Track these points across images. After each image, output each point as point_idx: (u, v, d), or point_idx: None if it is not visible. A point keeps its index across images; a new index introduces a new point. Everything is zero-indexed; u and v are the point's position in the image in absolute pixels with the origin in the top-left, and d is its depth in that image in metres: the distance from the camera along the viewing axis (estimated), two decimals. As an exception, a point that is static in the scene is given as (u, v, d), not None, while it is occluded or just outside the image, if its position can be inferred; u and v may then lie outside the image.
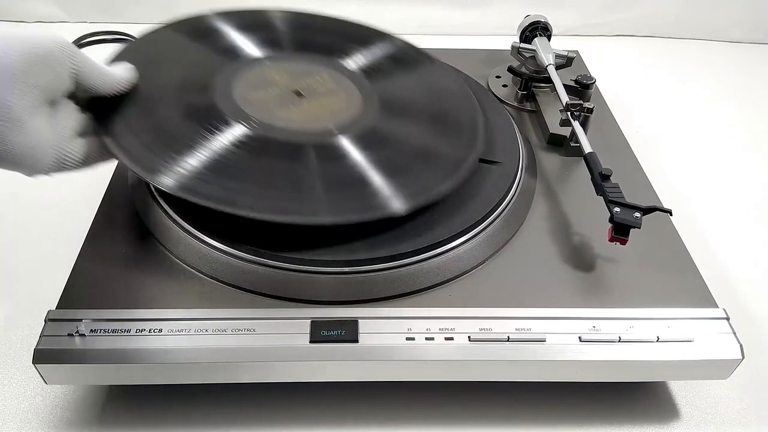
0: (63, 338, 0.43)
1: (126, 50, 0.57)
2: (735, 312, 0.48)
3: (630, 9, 1.04)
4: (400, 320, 0.45)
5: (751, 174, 0.77)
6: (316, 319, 0.45)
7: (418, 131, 0.57)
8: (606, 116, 0.69)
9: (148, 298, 0.46)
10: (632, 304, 0.48)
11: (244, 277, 0.47)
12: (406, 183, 0.50)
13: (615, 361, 0.45)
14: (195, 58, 0.60)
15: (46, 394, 0.49)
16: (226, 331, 0.44)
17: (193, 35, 0.63)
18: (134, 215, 0.53)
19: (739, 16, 1.04)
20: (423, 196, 0.49)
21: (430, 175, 0.52)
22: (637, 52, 1.02)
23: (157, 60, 0.58)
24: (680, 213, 0.55)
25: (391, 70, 0.64)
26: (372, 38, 0.68)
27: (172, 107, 0.53)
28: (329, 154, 0.52)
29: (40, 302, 0.46)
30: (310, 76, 0.60)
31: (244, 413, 0.49)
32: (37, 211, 0.65)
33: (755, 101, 0.91)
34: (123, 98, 0.51)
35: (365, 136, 0.54)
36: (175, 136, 0.50)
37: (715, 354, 0.45)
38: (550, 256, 0.51)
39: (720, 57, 1.02)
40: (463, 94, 0.63)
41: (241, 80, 0.57)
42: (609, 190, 0.51)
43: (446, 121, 0.59)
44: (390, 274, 0.47)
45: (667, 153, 0.79)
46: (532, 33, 0.73)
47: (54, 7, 0.99)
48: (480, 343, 0.44)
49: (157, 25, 0.63)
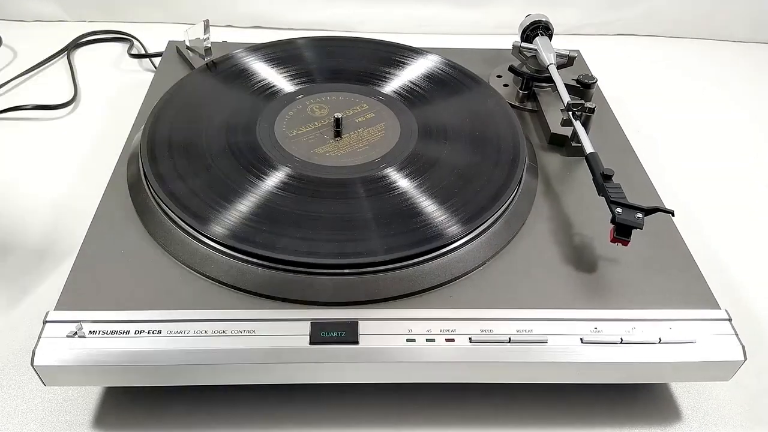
0: (62, 339, 0.43)
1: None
2: (737, 313, 0.48)
3: (632, 8, 1.04)
4: (401, 321, 0.45)
5: (754, 174, 0.77)
6: (316, 320, 0.45)
7: (460, 154, 0.58)
8: (607, 116, 0.69)
9: (147, 300, 0.46)
10: (634, 306, 0.47)
11: (243, 279, 0.47)
12: (458, 208, 0.51)
13: (617, 362, 0.45)
14: (234, 101, 0.63)
15: (45, 396, 0.49)
16: (225, 333, 0.44)
17: (229, 76, 0.66)
18: (133, 216, 0.52)
19: (742, 15, 1.03)
20: (478, 220, 0.50)
21: (480, 198, 0.53)
22: (638, 52, 1.02)
23: (196, 105, 0.61)
24: (682, 213, 0.54)
25: (427, 89, 0.66)
26: (405, 56, 0.71)
27: (218, 155, 0.56)
28: (377, 186, 0.54)
29: (39, 303, 0.46)
30: (349, 106, 0.63)
31: (244, 415, 0.49)
32: (37, 212, 0.65)
33: (758, 100, 0.91)
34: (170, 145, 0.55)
35: (408, 164, 0.56)
36: (224, 184, 0.52)
37: (717, 355, 0.45)
38: (551, 257, 0.51)
39: (722, 56, 1.02)
40: (503, 113, 0.64)
41: (282, 119, 0.60)
42: (611, 190, 0.50)
43: (487, 142, 0.60)
44: (390, 275, 0.47)
45: (669, 153, 0.79)
46: (533, 32, 0.73)
47: (54, 6, 0.99)
48: (481, 345, 0.44)
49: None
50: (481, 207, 0.52)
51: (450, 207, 0.52)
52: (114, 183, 0.56)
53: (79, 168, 0.71)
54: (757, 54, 1.03)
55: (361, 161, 0.56)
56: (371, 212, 0.51)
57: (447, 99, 0.65)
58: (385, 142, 0.59)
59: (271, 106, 0.62)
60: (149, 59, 0.90)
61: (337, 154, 0.57)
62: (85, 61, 0.90)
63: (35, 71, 0.87)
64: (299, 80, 0.66)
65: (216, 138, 0.58)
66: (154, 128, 0.58)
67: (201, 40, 0.71)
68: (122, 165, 0.58)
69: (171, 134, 0.58)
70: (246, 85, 0.65)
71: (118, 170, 0.57)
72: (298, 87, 0.65)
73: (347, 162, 0.56)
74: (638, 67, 0.98)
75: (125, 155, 0.59)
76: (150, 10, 1.00)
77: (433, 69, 0.69)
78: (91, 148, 0.74)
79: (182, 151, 0.56)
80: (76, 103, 0.82)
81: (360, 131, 0.60)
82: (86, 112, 0.80)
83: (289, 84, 0.66)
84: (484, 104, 0.65)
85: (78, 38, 0.93)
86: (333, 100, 0.64)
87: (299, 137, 0.59)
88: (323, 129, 0.60)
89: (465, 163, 0.57)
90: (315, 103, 0.63)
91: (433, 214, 0.51)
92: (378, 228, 0.50)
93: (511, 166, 0.57)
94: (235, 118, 0.60)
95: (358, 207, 0.52)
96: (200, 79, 0.66)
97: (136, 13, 1.00)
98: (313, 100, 0.64)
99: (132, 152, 0.59)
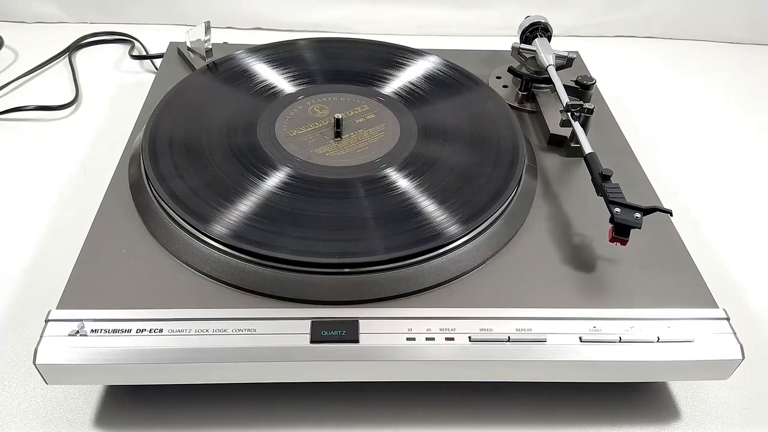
0: (63, 338, 0.43)
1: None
2: (735, 312, 0.48)
3: (630, 9, 1.04)
4: (401, 320, 0.45)
5: (751, 174, 0.77)
6: (317, 319, 0.45)
7: (459, 155, 0.58)
8: (606, 117, 0.69)
9: (148, 298, 0.46)
10: (633, 305, 0.48)
11: (244, 277, 0.47)
12: (457, 208, 0.52)
13: (615, 361, 0.45)
14: (235, 102, 0.63)
15: (47, 394, 0.49)
16: (226, 332, 0.44)
17: (230, 77, 0.66)
18: (134, 215, 0.53)
19: (740, 16, 1.04)
20: (477, 219, 0.51)
21: (479, 198, 0.53)
22: (637, 53, 1.02)
23: (198, 105, 0.61)
24: (680, 213, 0.55)
25: (426, 90, 0.67)
26: (405, 58, 0.72)
27: (219, 155, 0.56)
28: (377, 186, 0.54)
29: (41, 302, 0.46)
30: (350, 107, 0.63)
31: (245, 413, 0.49)
32: (39, 212, 0.65)
33: (756, 102, 0.92)
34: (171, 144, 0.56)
35: (408, 164, 0.56)
36: (225, 184, 0.53)
37: (715, 354, 0.45)
38: (550, 256, 0.51)
39: (721, 58, 1.02)
40: (502, 114, 0.64)
41: (283, 120, 0.60)
42: (609, 190, 0.51)
43: (486, 142, 0.60)
44: (390, 274, 0.48)
45: (667, 153, 0.79)
46: (532, 33, 0.73)
47: (54, 7, 0.99)
48: (480, 344, 0.44)
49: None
50: (480, 207, 0.52)
51: (449, 207, 0.52)
52: (115, 183, 0.56)
53: (81, 168, 0.71)
54: (755, 55, 1.04)
55: (361, 161, 0.57)
56: (371, 212, 0.51)
57: (447, 100, 0.65)
58: (385, 142, 0.59)
59: (272, 106, 0.63)
60: (150, 60, 0.90)
61: (337, 155, 0.57)
62: (87, 63, 0.91)
63: (37, 72, 0.87)
64: (300, 81, 0.67)
65: (217, 138, 0.58)
66: (155, 128, 0.58)
67: (202, 41, 0.71)
68: (124, 165, 0.58)
69: (172, 134, 0.58)
70: (247, 86, 0.65)
71: (120, 170, 0.58)
72: (298, 88, 0.66)
73: (347, 162, 0.56)
74: (637, 68, 0.98)
75: (127, 155, 0.59)
76: (151, 12, 1.00)
77: (432, 70, 0.69)
78: (93, 149, 0.74)
79: (183, 151, 0.56)
80: (77, 104, 0.82)
81: (360, 132, 0.60)
82: (87, 113, 0.81)
83: (289, 85, 0.66)
84: (484, 105, 0.65)
85: (79, 39, 0.93)
86: (334, 101, 0.64)
87: (299, 137, 0.59)
88: (323, 129, 0.60)
89: (464, 164, 0.57)
90: (316, 104, 0.63)
91: (433, 214, 0.51)
92: (378, 227, 0.50)
93: (510, 166, 0.57)
94: (235, 119, 0.60)
95: (359, 207, 0.52)
96: (201, 80, 0.66)
97: (137, 14, 1.00)
98: (314, 100, 0.64)
99: (133, 152, 0.59)
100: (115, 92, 0.85)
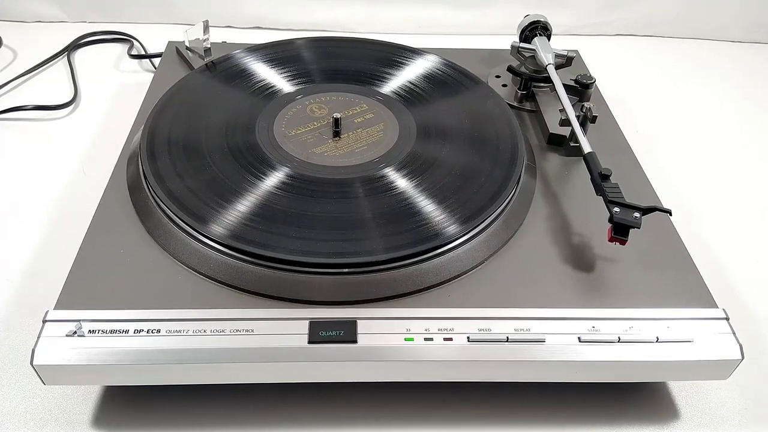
0: (61, 339, 0.43)
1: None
2: (735, 312, 0.48)
3: (630, 8, 1.04)
4: (399, 321, 0.45)
5: (750, 174, 0.77)
6: (315, 319, 0.45)
7: (458, 154, 0.58)
8: (606, 116, 0.69)
9: (146, 299, 0.46)
10: (632, 305, 0.48)
11: (242, 278, 0.47)
12: (456, 208, 0.52)
13: (614, 361, 0.45)
14: (234, 101, 0.63)
15: (45, 395, 0.49)
16: (224, 332, 0.44)
17: (229, 76, 0.66)
18: (132, 215, 0.53)
19: (740, 15, 1.04)
20: (476, 219, 0.51)
21: (478, 198, 0.53)
22: (637, 52, 1.02)
23: (196, 105, 0.61)
24: (680, 213, 0.55)
25: (426, 90, 0.66)
26: (403, 57, 0.71)
27: (218, 154, 0.56)
28: (376, 186, 0.54)
29: (39, 302, 0.46)
30: (348, 107, 0.63)
31: (243, 414, 0.49)
32: (36, 211, 0.65)
33: (755, 101, 0.91)
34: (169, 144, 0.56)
35: (407, 164, 0.56)
36: (224, 184, 0.53)
37: (714, 354, 0.45)
38: (549, 256, 0.51)
39: (720, 57, 1.02)
40: (502, 113, 0.64)
41: (282, 119, 0.60)
42: (608, 190, 0.50)
43: (486, 142, 0.60)
44: (389, 274, 0.47)
45: (666, 153, 0.79)
46: (531, 32, 0.73)
47: (53, 7, 0.99)
48: (479, 344, 0.44)
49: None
50: (479, 206, 0.52)
51: (448, 207, 0.52)
52: (114, 183, 0.56)
53: (79, 168, 0.71)
54: (755, 54, 1.03)
55: (360, 161, 0.57)
56: (370, 212, 0.51)
57: (446, 99, 0.65)
58: (383, 142, 0.59)
59: (271, 106, 0.62)
60: (149, 60, 0.90)
61: (336, 154, 0.57)
62: (85, 62, 0.91)
63: (35, 72, 0.87)
64: (299, 80, 0.67)
65: (215, 138, 0.58)
66: (153, 128, 0.58)
67: (200, 40, 0.71)
68: (122, 165, 0.58)
69: (170, 134, 0.58)
70: (245, 86, 0.65)
71: (118, 170, 0.58)
72: (297, 87, 0.66)
73: (346, 162, 0.56)
74: (636, 67, 0.98)
75: (125, 155, 0.59)
76: (150, 11, 1.00)
77: (431, 69, 0.69)
78: (91, 148, 0.74)
79: (181, 150, 0.56)
80: (76, 103, 0.82)
81: (359, 131, 0.60)
82: (86, 113, 0.80)
83: (288, 84, 0.66)
84: (483, 104, 0.65)
85: (78, 39, 0.93)
86: (332, 100, 0.64)
87: (298, 137, 0.59)
88: (322, 129, 0.60)
89: (463, 163, 0.57)
90: (314, 103, 0.63)
91: (432, 214, 0.51)
92: (377, 227, 0.50)
93: (509, 165, 0.57)
94: (234, 118, 0.60)
95: (357, 206, 0.52)
96: (200, 79, 0.66)
97: (135, 13, 1.00)
98: (313, 100, 0.64)
99: (132, 152, 0.59)
100: (113, 92, 0.85)
